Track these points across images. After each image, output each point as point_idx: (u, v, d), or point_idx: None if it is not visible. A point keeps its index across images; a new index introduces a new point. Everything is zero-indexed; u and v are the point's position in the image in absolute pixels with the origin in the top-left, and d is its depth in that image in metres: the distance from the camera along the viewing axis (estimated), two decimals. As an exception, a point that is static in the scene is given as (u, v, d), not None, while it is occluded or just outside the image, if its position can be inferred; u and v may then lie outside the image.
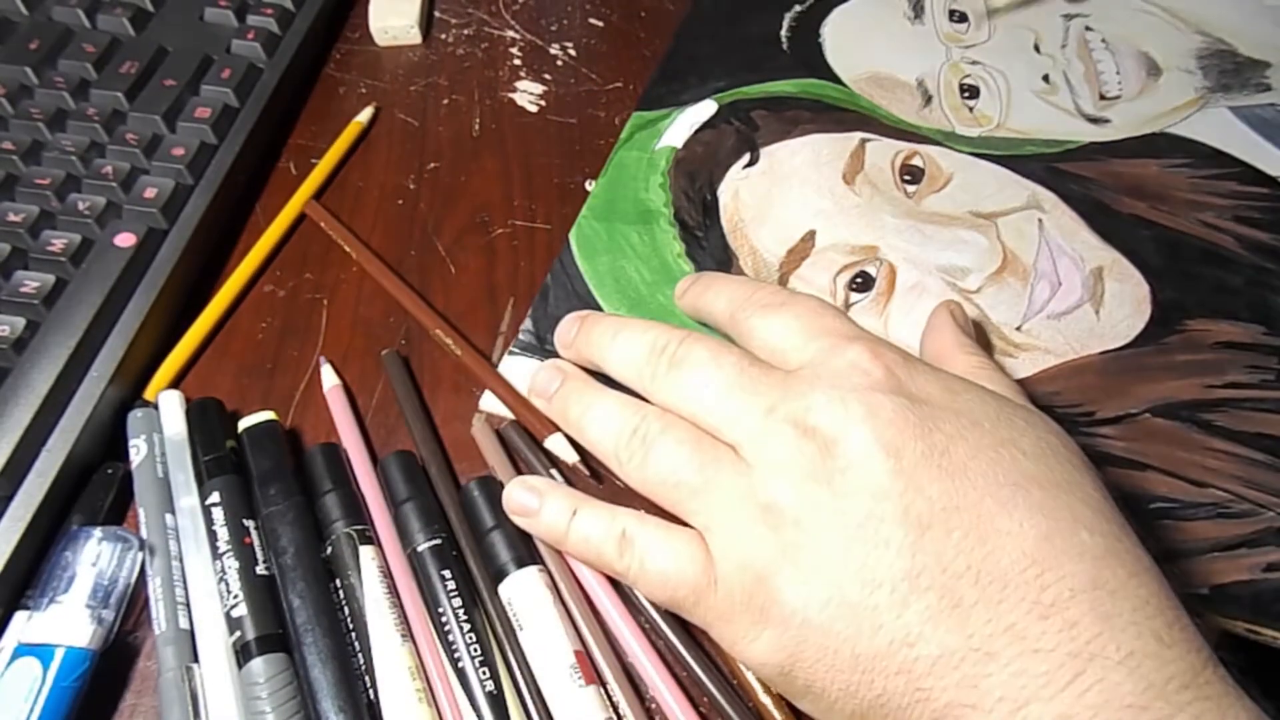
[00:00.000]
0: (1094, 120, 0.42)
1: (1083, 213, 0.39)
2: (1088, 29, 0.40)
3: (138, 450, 0.31)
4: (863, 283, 0.36)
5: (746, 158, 0.41)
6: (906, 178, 0.40)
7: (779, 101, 0.43)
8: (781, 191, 0.40)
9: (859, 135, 0.42)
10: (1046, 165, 0.40)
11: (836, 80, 0.44)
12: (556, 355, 0.34)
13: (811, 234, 0.38)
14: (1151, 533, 0.30)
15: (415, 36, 0.48)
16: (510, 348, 0.35)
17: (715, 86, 0.44)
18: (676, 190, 0.40)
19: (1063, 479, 0.24)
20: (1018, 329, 0.35)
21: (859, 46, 0.46)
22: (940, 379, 0.27)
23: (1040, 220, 0.38)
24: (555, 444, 0.32)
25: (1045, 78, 0.44)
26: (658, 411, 0.28)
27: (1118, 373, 0.34)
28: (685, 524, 0.27)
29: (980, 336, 0.33)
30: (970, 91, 0.43)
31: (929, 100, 0.43)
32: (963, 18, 0.47)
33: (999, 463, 0.24)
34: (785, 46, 0.46)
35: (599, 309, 0.36)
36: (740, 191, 0.40)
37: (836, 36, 0.46)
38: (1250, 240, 0.37)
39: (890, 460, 0.24)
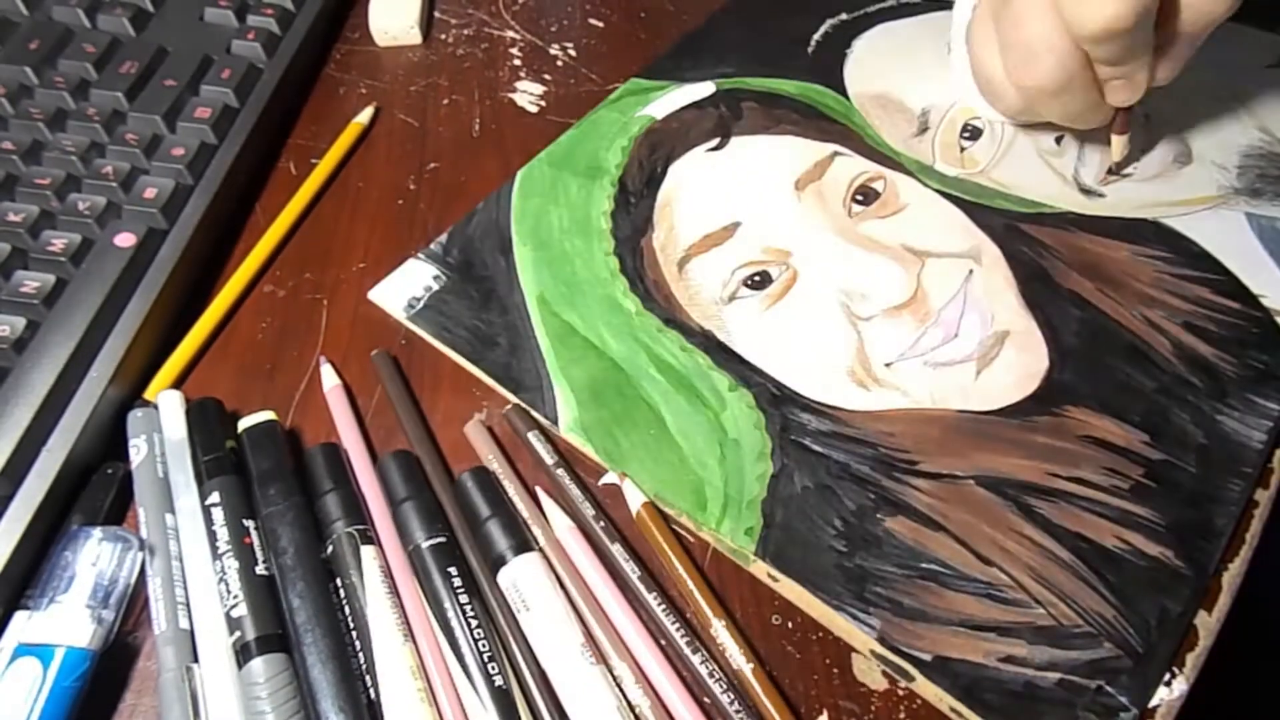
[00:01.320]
0: (1086, 192, 0.40)
1: (1019, 276, 0.37)
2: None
3: (138, 450, 0.31)
4: (759, 281, 0.37)
5: (715, 141, 0.42)
6: (859, 198, 0.39)
7: (774, 98, 0.44)
8: (727, 181, 0.40)
9: (833, 148, 0.42)
10: (1008, 222, 0.39)
11: (841, 92, 0.44)
12: (451, 269, 0.37)
13: (734, 226, 0.39)
14: (909, 591, 0.29)
15: (415, 37, 0.48)
16: (418, 253, 0.38)
17: (722, 71, 0.45)
18: (634, 157, 0.41)
19: None
20: (886, 365, 0.34)
21: (882, 65, 0.46)
22: None
23: (971, 271, 0.37)
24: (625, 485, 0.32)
25: (1058, 139, 0.42)
26: None
27: (964, 433, 0.32)
28: None
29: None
30: (972, 132, 0.42)
31: (923, 131, 0.42)
32: None
33: None
34: (810, 49, 0.46)
35: (507, 241, 0.38)
36: (687, 171, 0.41)
37: (865, 52, 0.46)
38: (1188, 351, 0.34)
39: None
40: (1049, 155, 0.42)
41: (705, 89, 0.44)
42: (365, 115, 0.44)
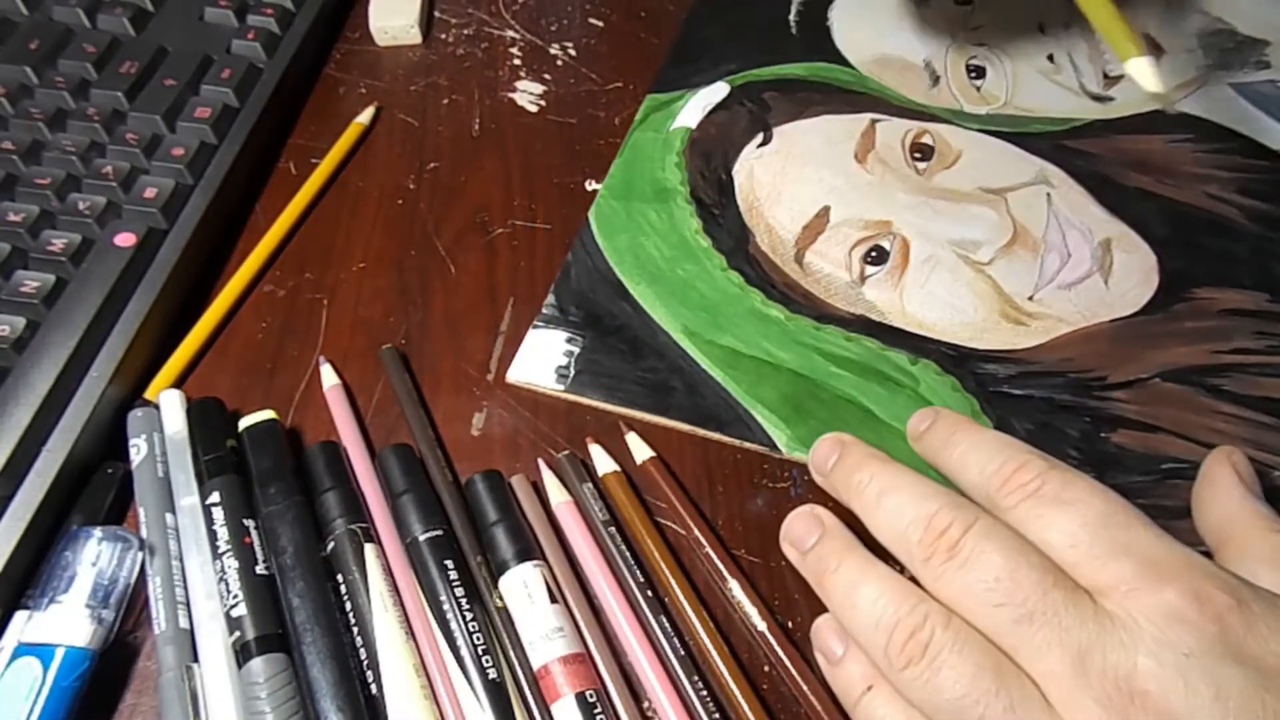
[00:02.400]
0: (1098, 98, 0.44)
1: (1089, 187, 0.40)
2: None
3: (138, 450, 0.31)
4: (877, 256, 0.38)
5: (760, 137, 0.42)
6: (917, 155, 0.41)
7: (789, 83, 0.44)
8: (795, 170, 0.41)
9: (869, 116, 0.43)
10: (1053, 143, 0.42)
11: (845, 63, 0.45)
12: (580, 327, 0.35)
13: (826, 210, 0.39)
14: (1167, 492, 0.31)
15: (415, 36, 0.48)
16: (535, 321, 0.36)
17: (727, 69, 0.45)
18: (692, 169, 0.41)
19: None
20: (1030, 299, 0.37)
21: (866, 30, 0.47)
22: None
23: (1049, 195, 0.40)
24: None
25: (1050, 57, 0.45)
26: (941, 614, 0.24)
27: (1128, 340, 0.36)
28: None
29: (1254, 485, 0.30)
30: (977, 72, 0.45)
31: (936, 80, 0.45)
32: (967, 0, 0.48)
33: None
34: (794, 30, 0.47)
35: (620, 285, 0.37)
36: (755, 170, 0.41)
37: (844, 20, 0.47)
38: (1253, 211, 0.39)
39: None
40: (1050, 75, 0.45)
41: (720, 89, 0.44)
42: (366, 115, 0.44)
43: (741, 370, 0.35)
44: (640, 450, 0.32)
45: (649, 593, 0.29)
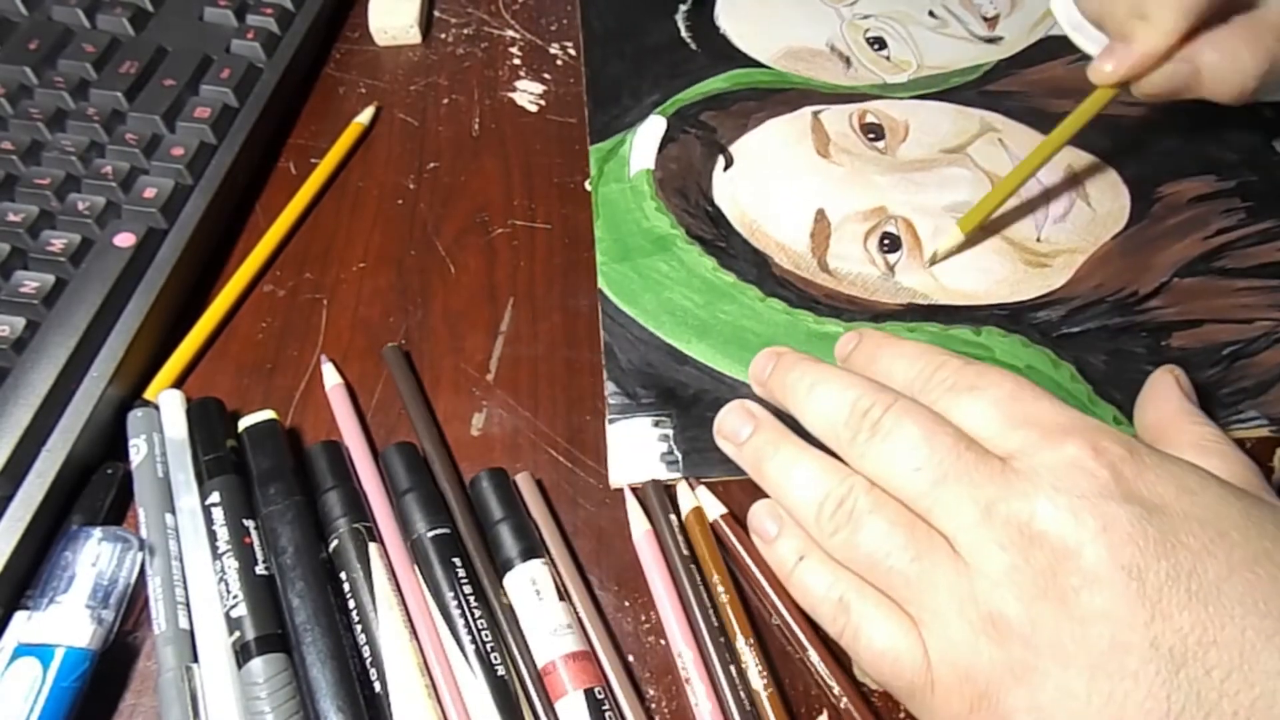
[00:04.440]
0: (990, 41, 0.47)
1: (1029, 123, 0.43)
2: None
3: (138, 450, 0.31)
4: (890, 243, 0.38)
5: (721, 161, 0.42)
6: (871, 135, 0.42)
7: (718, 98, 0.45)
8: (772, 184, 0.41)
9: (808, 110, 0.44)
10: (976, 91, 0.45)
11: (759, 65, 0.46)
12: (658, 408, 0.34)
13: (821, 212, 0.39)
14: (1239, 374, 0.35)
15: (415, 36, 0.48)
16: (608, 415, 0.34)
17: (651, 101, 0.45)
18: (675, 210, 0.40)
19: None
20: (1038, 240, 0.39)
21: (759, 29, 0.48)
22: (1172, 474, 0.24)
23: (1000, 140, 0.42)
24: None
25: (930, 13, 0.48)
26: (865, 484, 0.26)
27: (1134, 251, 0.38)
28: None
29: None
30: (878, 43, 0.47)
31: (848, 61, 0.46)
32: None
33: (1256, 584, 0.22)
34: (694, 46, 0.47)
35: (672, 349, 0.35)
36: (735, 195, 0.41)
37: (734, 24, 0.48)
38: (1163, 106, 0.39)
39: (1133, 583, 0.22)
40: (941, 30, 0.48)
41: (657, 123, 0.43)
42: (366, 115, 0.44)
43: None
44: (713, 507, 0.31)
45: (721, 639, 0.28)
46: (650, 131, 0.43)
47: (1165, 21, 0.33)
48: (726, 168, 0.41)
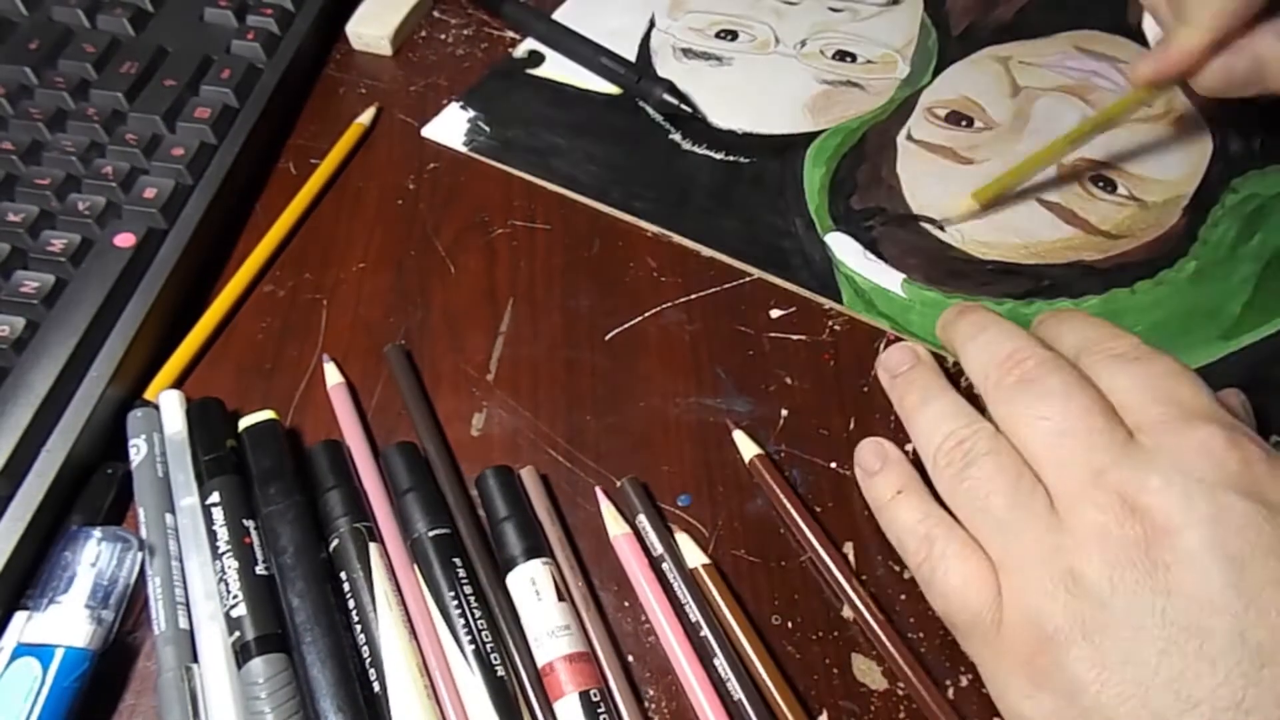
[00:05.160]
0: (893, 1, 0.49)
1: (1027, 35, 0.46)
2: None
3: (138, 450, 0.31)
4: (1105, 183, 0.40)
5: (933, 228, 0.39)
6: (964, 124, 0.43)
7: (840, 184, 0.41)
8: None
9: (899, 137, 0.43)
10: (959, 42, 0.46)
11: (812, 137, 0.43)
12: None
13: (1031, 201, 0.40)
14: None
15: (385, 48, 0.47)
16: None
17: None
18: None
19: None
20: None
21: (764, 106, 0.44)
22: None
23: (1020, 61, 0.45)
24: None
25: (830, 9, 0.48)
26: (990, 430, 0.27)
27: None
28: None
29: None
30: (840, 55, 0.46)
31: (853, 84, 0.45)
32: (733, 34, 0.48)
33: None
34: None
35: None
36: (966, 236, 0.39)
37: (727, 110, 0.44)
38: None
39: (1231, 572, 0.21)
40: (861, 17, 0.48)
41: (844, 241, 0.40)
42: (367, 116, 0.44)
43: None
44: (748, 448, 0.32)
45: (706, 633, 0.28)
46: (846, 245, 0.39)
47: (1201, 20, 0.33)
48: (942, 227, 0.39)
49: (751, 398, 0.35)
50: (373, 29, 0.47)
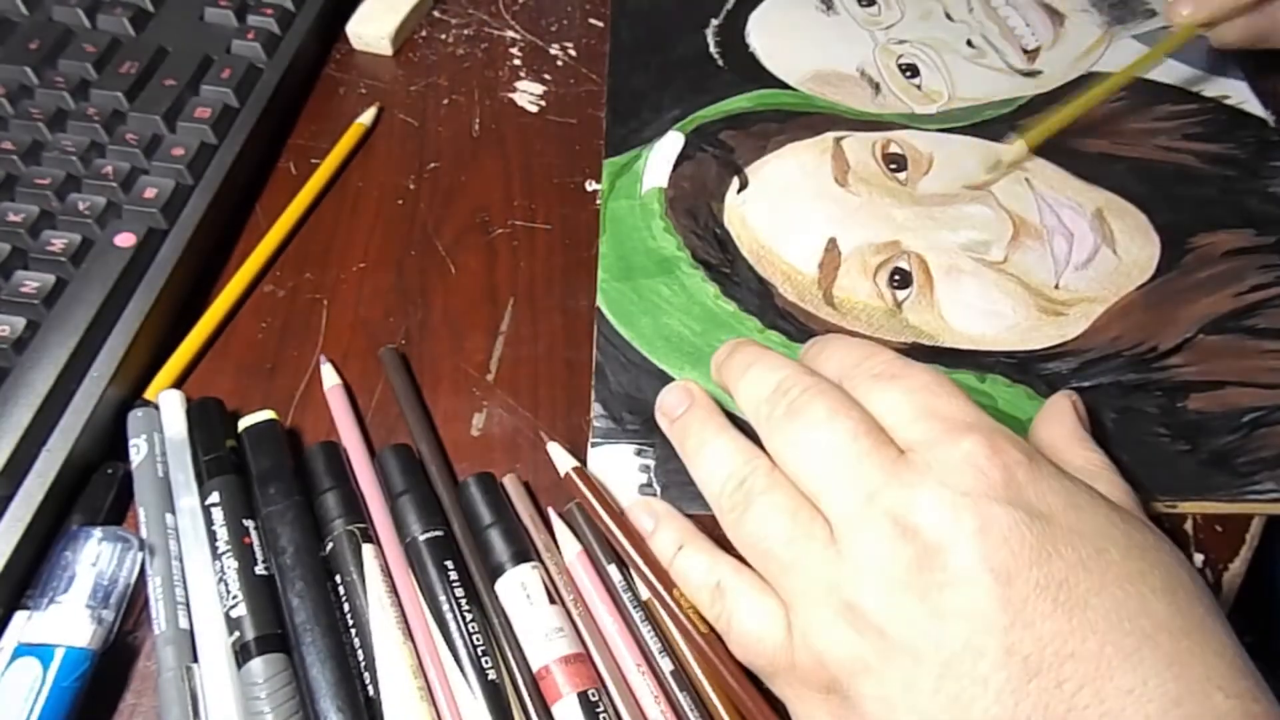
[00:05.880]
0: (1028, 74, 0.45)
1: (1060, 162, 0.41)
2: None
3: (138, 450, 0.31)
4: (901, 279, 0.37)
5: (736, 183, 0.40)
6: (893, 166, 0.41)
7: (740, 118, 0.43)
8: (785, 209, 0.40)
9: (830, 135, 0.42)
10: (1009, 125, 0.43)
11: (785, 85, 0.44)
12: (642, 435, 0.33)
13: (833, 242, 0.38)
14: (1260, 443, 0.33)
15: (386, 48, 0.47)
16: (591, 439, 0.33)
17: (671, 116, 0.43)
18: (684, 231, 0.39)
19: (1194, 625, 0.22)
20: (1056, 287, 0.37)
21: (790, 49, 0.46)
22: (1064, 487, 0.24)
23: (1027, 179, 0.40)
24: (554, 451, 0.32)
25: (969, 43, 0.46)
26: (767, 466, 0.27)
27: (1158, 304, 0.37)
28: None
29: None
30: (911, 70, 0.45)
31: (877, 88, 0.44)
32: (871, 1, 0.48)
33: (1125, 603, 0.22)
34: (720, 63, 0.46)
35: (660, 374, 0.34)
36: (746, 218, 0.39)
37: (765, 42, 0.47)
38: (1205, 154, 0.40)
39: (999, 587, 0.22)
40: (977, 60, 0.46)
41: (675, 139, 0.42)
42: (368, 116, 0.44)
43: None
44: (563, 461, 0.31)
45: (665, 654, 0.28)
46: (667, 149, 0.41)
47: None
48: (740, 190, 0.40)
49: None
50: (373, 29, 0.47)
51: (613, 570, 0.29)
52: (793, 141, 0.42)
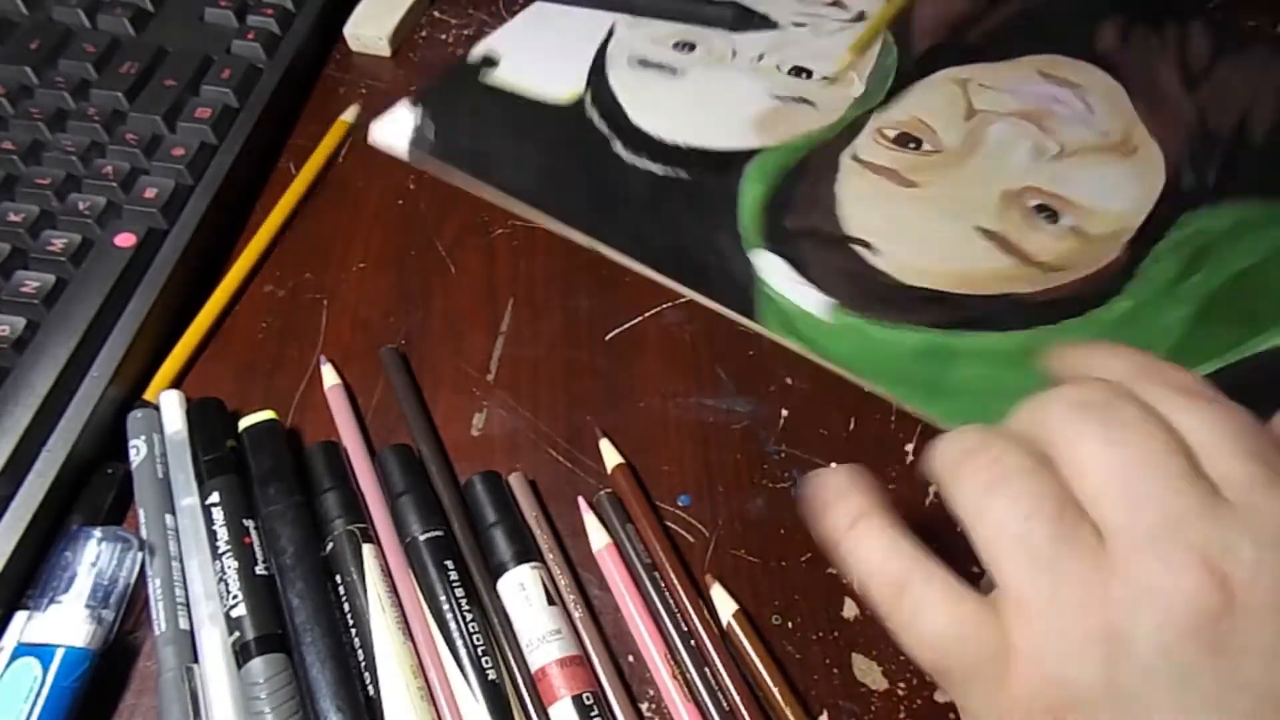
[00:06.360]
0: (858, 19, 0.48)
1: (993, 57, 0.46)
2: None
3: (138, 450, 0.31)
4: (1049, 213, 0.39)
5: (858, 249, 0.39)
6: (912, 146, 0.42)
7: (788, 180, 0.41)
8: (920, 234, 0.39)
9: (845, 157, 0.42)
10: (914, 61, 0.46)
11: (754, 151, 0.42)
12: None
13: (982, 230, 0.39)
14: None
15: (384, 49, 0.47)
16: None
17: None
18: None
19: None
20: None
21: (711, 120, 0.43)
22: None
23: (980, 84, 0.44)
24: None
25: (797, 24, 0.48)
26: (1027, 445, 0.22)
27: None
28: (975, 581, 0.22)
29: None
30: (804, 72, 0.45)
31: (807, 101, 0.44)
32: (693, 48, 0.47)
33: None
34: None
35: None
36: (905, 265, 0.38)
37: (659, 121, 0.43)
38: None
39: None
40: (821, 31, 0.47)
41: (774, 261, 0.38)
42: (350, 114, 0.44)
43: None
44: (611, 457, 0.32)
45: (692, 643, 0.28)
46: (773, 265, 0.38)
47: None
48: (874, 252, 0.38)
49: (751, 398, 0.35)
50: (370, 30, 0.47)
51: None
52: (830, 184, 0.41)
